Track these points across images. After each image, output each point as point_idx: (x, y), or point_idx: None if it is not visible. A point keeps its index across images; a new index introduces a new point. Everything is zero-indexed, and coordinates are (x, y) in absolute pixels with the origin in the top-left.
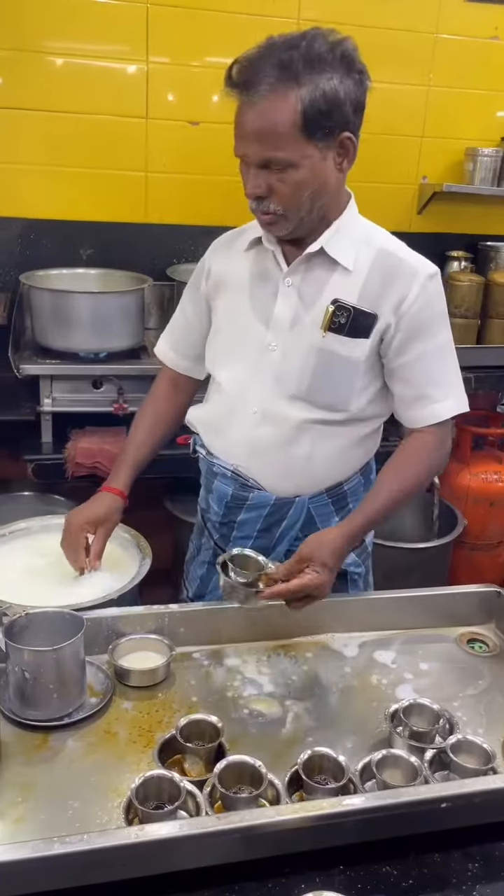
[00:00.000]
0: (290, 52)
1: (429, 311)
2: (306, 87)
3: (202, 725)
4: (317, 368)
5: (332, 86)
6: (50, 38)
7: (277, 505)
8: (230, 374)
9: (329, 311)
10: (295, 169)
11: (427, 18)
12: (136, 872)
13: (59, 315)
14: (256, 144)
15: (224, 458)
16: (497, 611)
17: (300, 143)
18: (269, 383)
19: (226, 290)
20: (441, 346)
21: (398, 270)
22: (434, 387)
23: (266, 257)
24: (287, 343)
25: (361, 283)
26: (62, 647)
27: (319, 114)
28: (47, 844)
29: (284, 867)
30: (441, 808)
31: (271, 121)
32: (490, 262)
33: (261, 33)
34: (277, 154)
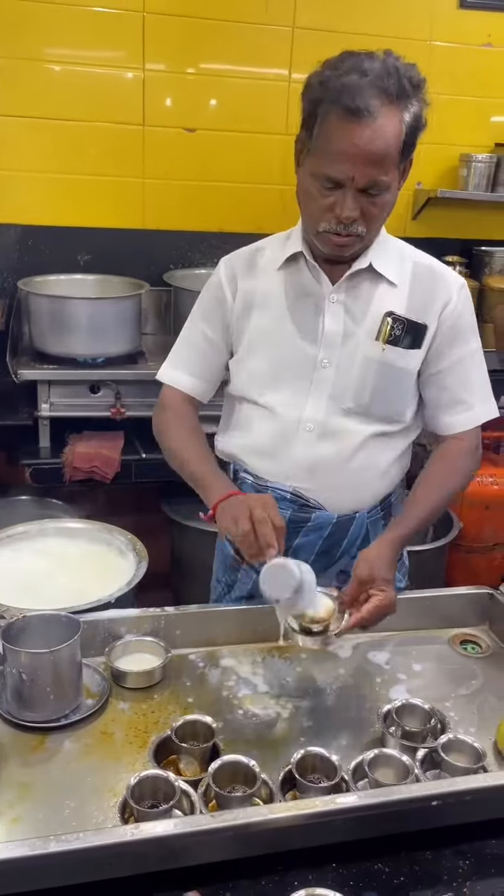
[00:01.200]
0: (398, 75)
1: (464, 318)
2: (409, 111)
3: (197, 726)
4: (376, 381)
5: (419, 106)
6: (47, 46)
7: (339, 523)
8: (279, 395)
9: (388, 324)
10: (388, 192)
11: (420, 26)
12: (132, 870)
13: (56, 320)
14: (368, 167)
15: (281, 482)
16: (490, 612)
17: (396, 165)
18: (323, 399)
19: (259, 309)
20: (473, 352)
21: (437, 281)
22: (469, 392)
23: (302, 275)
24: (341, 358)
25: (406, 295)
26: (59, 649)
27: (411, 135)
28: (44, 843)
29: (278, 865)
30: (432, 806)
31: (385, 144)
32: (484, 267)
33: (256, 41)
34: (384, 177)
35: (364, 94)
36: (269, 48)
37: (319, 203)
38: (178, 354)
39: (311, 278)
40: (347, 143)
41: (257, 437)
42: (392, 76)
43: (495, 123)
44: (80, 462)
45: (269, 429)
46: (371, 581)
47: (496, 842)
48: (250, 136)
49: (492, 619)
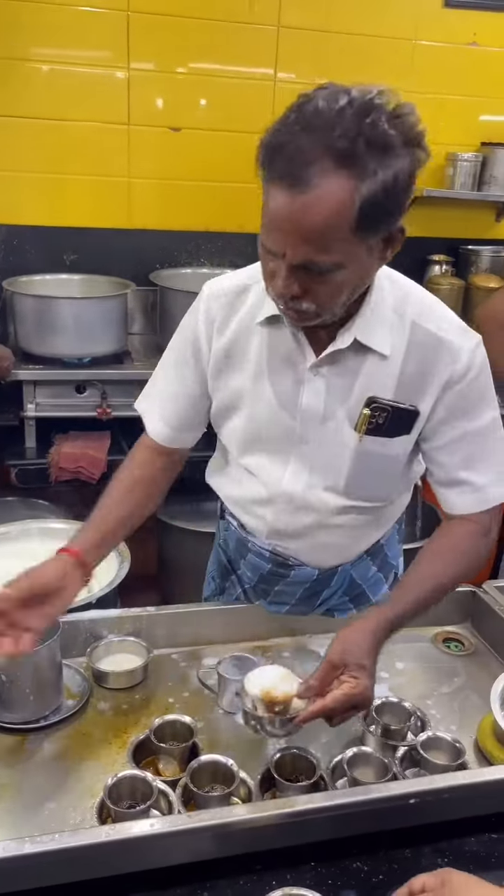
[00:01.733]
0: (358, 131)
1: (473, 390)
2: (367, 179)
3: (176, 726)
4: (353, 468)
5: (392, 172)
6: (31, 46)
7: (320, 579)
8: (259, 461)
9: (365, 416)
10: (338, 271)
11: (406, 25)
12: (108, 871)
13: (42, 320)
14: (299, 246)
15: (260, 538)
16: (473, 610)
17: (351, 243)
18: (304, 475)
19: (238, 367)
20: (487, 425)
21: (439, 352)
22: (476, 471)
23: (284, 336)
24: (320, 437)
25: (398, 370)
26: (38, 649)
27: (376, 208)
28: (18, 844)
29: (256, 864)
30: (410, 804)
31: (322, 220)
32: (470, 266)
33: (241, 40)
34: (323, 258)
35: (300, 156)
36: (254, 47)
37: (266, 269)
38: (158, 398)
39: (292, 343)
40: (280, 214)
41: (239, 493)
42: (348, 133)
43: (481, 122)
44: (66, 462)
45: (250, 489)
46: (343, 665)
47: (475, 839)
48: (236, 136)
49: (474, 616)
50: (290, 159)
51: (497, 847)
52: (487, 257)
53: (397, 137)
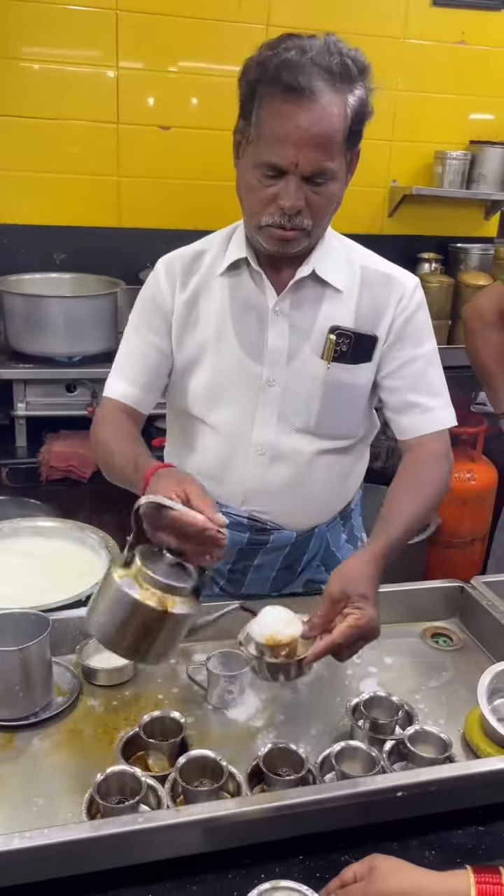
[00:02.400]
0: (342, 55)
1: (416, 319)
2: (353, 94)
3: (165, 722)
4: (324, 401)
5: (365, 92)
6: (20, 45)
7: (298, 541)
8: (224, 415)
9: (331, 341)
10: (334, 181)
11: (394, 23)
12: (97, 866)
13: (32, 319)
14: (313, 152)
15: (235, 506)
16: (461, 606)
17: (342, 153)
18: (272, 421)
19: (201, 321)
20: (429, 353)
21: (389, 286)
22: (424, 394)
23: (245, 282)
24: (287, 377)
25: (354, 304)
26: (27, 646)
27: (357, 122)
28: (7, 839)
29: (244, 858)
30: (397, 797)
31: (330, 127)
32: (460, 264)
33: (230, 39)
34: (330, 164)
35: (306, 71)
36: (242, 46)
37: (261, 195)
38: (121, 366)
39: (254, 287)
40: (290, 125)
41: (205, 458)
42: (335, 55)
43: (469, 121)
44: (56, 461)
45: (217, 451)
46: (345, 598)
47: (462, 832)
48: (225, 134)
49: (462, 612)
50: (297, 73)
51: (484, 839)
52: (476, 255)
53: (366, 65)
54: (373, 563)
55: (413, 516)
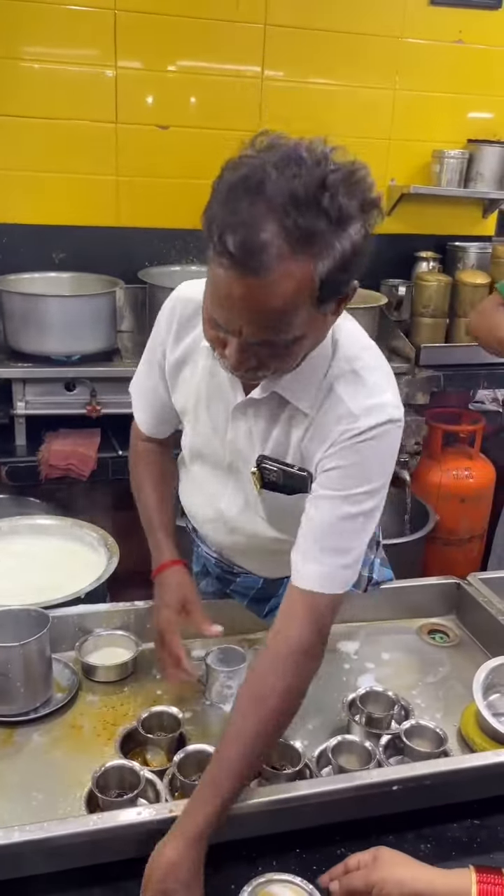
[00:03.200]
0: (309, 217)
1: (349, 464)
2: (327, 257)
3: (164, 717)
4: (268, 510)
5: (350, 242)
6: (19, 44)
7: (265, 586)
8: (203, 473)
9: (254, 473)
10: (298, 342)
11: (392, 22)
12: (96, 859)
13: (31, 318)
14: (260, 328)
15: (208, 546)
16: (457, 602)
17: (311, 317)
18: (240, 500)
19: (185, 382)
20: (351, 516)
21: (338, 417)
22: (311, 543)
23: (221, 371)
24: (248, 471)
25: (309, 425)
26: (28, 642)
27: (335, 280)
28: (7, 833)
29: (241, 851)
30: (393, 790)
31: (282, 307)
32: (457, 262)
33: (228, 38)
34: (281, 336)
35: (253, 239)
36: (241, 45)
37: (210, 332)
38: (138, 390)
39: (226, 378)
40: (229, 293)
41: (189, 499)
42: (306, 213)
43: (467, 119)
44: (55, 460)
45: (197, 500)
46: None
47: (457, 825)
48: (223, 133)
49: (459, 608)
50: (242, 243)
51: (479, 833)
52: (474, 253)
53: (355, 206)
54: (189, 848)
55: (257, 748)
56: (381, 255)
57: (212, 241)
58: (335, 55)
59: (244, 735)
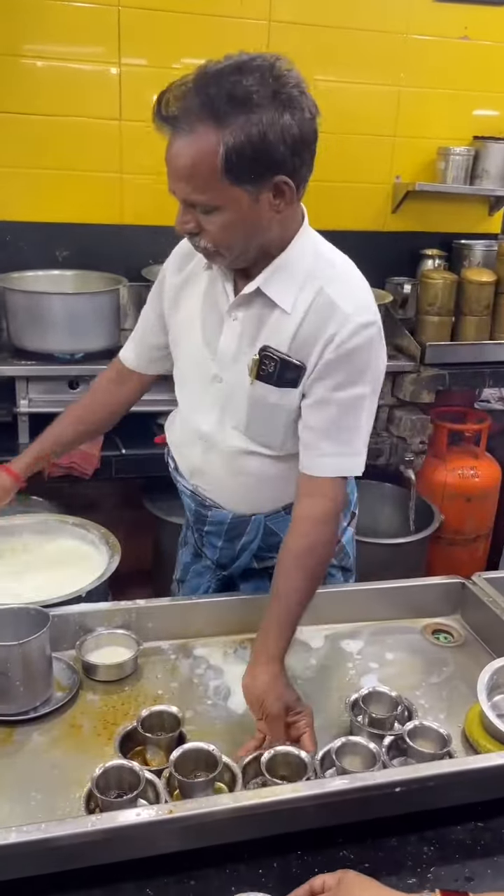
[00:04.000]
0: (215, 89)
1: (348, 359)
2: (229, 129)
3: (163, 717)
4: (250, 411)
5: (260, 129)
6: (22, 41)
7: (234, 523)
8: (184, 397)
9: (254, 361)
10: (220, 211)
11: (397, 19)
12: (95, 860)
13: (34, 316)
14: (181, 183)
15: (186, 478)
16: (462, 602)
17: (224, 187)
18: (215, 412)
19: (180, 308)
20: (351, 400)
21: (329, 315)
22: (330, 440)
23: (217, 282)
24: (231, 377)
25: (295, 326)
26: (28, 641)
27: (245, 158)
28: (5, 833)
29: (243, 853)
30: (396, 792)
31: (192, 162)
32: (463, 260)
33: (232, 35)
34: (199, 197)
35: (178, 103)
36: (245, 42)
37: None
38: (133, 335)
39: (221, 288)
40: (166, 153)
41: (174, 431)
42: (214, 87)
43: (473, 116)
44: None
45: (179, 428)
46: (279, 714)
47: (461, 827)
48: None
49: (463, 608)
50: (167, 104)
51: (483, 835)
52: (480, 251)
53: (265, 93)
54: (272, 675)
55: (298, 604)
56: (386, 253)
57: (154, 111)
58: (339, 52)
59: (291, 587)
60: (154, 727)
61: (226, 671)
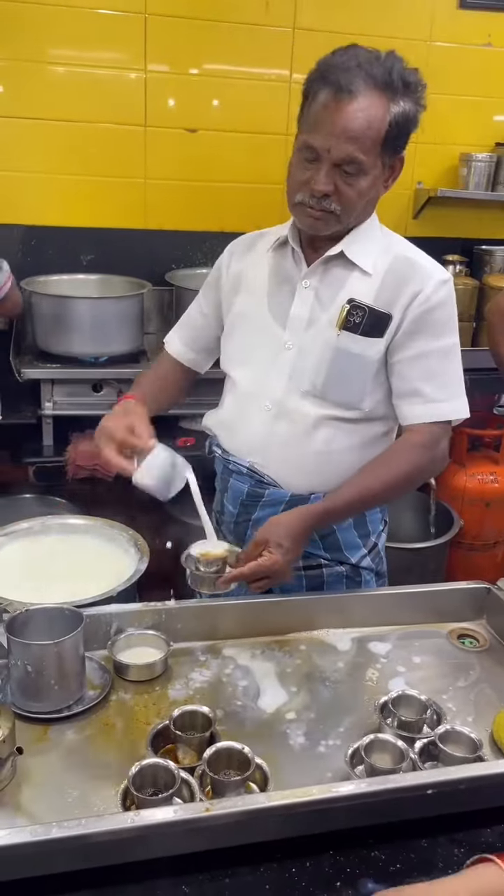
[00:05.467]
0: (390, 69)
1: (436, 312)
2: (397, 104)
3: (196, 716)
4: (331, 366)
5: (410, 109)
6: (50, 48)
7: (292, 502)
8: (245, 372)
9: (344, 310)
10: (364, 176)
11: (421, 26)
12: (133, 857)
13: (59, 320)
14: (345, 142)
15: (240, 456)
16: (487, 607)
17: (378, 153)
18: (283, 380)
19: (244, 289)
20: (445, 349)
21: (412, 272)
22: (431, 385)
23: (286, 259)
24: (303, 341)
25: (378, 285)
26: (63, 640)
27: (398, 132)
28: (46, 829)
29: (276, 853)
30: (427, 794)
31: (365, 122)
32: (485, 266)
33: (257, 42)
34: (360, 156)
35: (350, 74)
36: (269, 49)
37: (298, 176)
38: (180, 323)
39: (292, 263)
40: (328, 115)
41: (225, 412)
42: (382, 67)
43: (495, 123)
44: (82, 460)
45: (235, 405)
46: (265, 543)
47: (490, 830)
48: (251, 137)
49: (489, 613)
50: (342, 74)
51: None
52: (501, 257)
53: (413, 80)
54: (302, 519)
55: (366, 492)
56: None
57: (316, 79)
58: None
59: (361, 481)
60: (186, 726)
61: (254, 671)
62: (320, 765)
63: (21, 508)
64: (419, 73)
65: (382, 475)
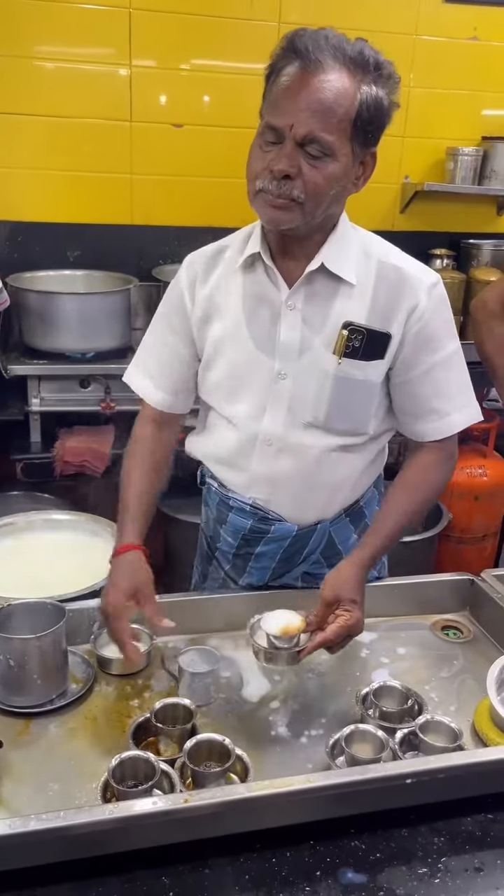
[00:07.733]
0: (361, 49)
1: (435, 321)
2: (368, 86)
3: (177, 709)
4: (333, 396)
5: (383, 99)
6: (34, 43)
7: (299, 535)
8: (239, 408)
9: (343, 337)
10: (332, 160)
11: (406, 20)
12: (112, 848)
13: (46, 316)
14: (310, 116)
15: (241, 493)
16: (471, 598)
17: (346, 136)
18: (282, 413)
19: (218, 318)
20: (449, 356)
21: (403, 285)
22: (443, 400)
23: (260, 277)
24: (298, 370)
25: (369, 300)
26: (45, 634)
27: (368, 118)
28: (24, 821)
29: (256, 843)
30: (407, 783)
31: (333, 98)
32: (472, 260)
33: (242, 37)
34: (326, 135)
35: (319, 46)
36: (254, 43)
37: (259, 161)
38: (147, 365)
39: (267, 282)
40: (292, 89)
41: (219, 446)
42: (354, 48)
43: (482, 117)
44: (70, 456)
45: (230, 440)
46: (337, 602)
47: (471, 819)
48: (237, 131)
49: (472, 604)
50: (308, 48)
51: (492, 827)
52: (488, 251)
53: (390, 73)
54: (361, 569)
55: (404, 517)
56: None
57: (281, 54)
58: None
59: (397, 511)
60: (167, 719)
61: (238, 661)
62: (302, 755)
63: (9, 505)
64: (393, 66)
65: (414, 500)
